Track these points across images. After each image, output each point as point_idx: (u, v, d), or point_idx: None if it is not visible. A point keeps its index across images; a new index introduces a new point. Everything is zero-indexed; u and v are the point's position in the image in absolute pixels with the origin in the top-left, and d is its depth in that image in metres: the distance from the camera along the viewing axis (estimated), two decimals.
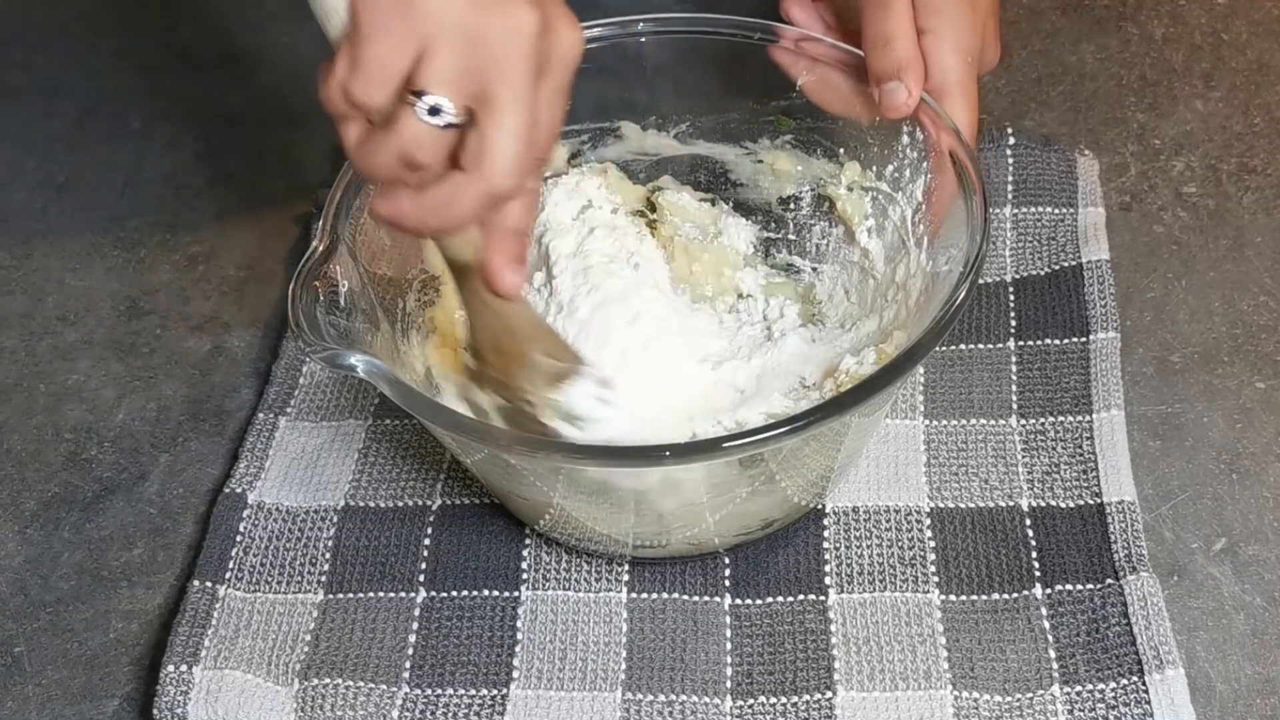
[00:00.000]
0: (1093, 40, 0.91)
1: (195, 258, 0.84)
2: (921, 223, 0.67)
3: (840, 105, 0.70)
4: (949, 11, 0.67)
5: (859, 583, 0.65)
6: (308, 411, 0.73)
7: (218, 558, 0.67)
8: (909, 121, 0.67)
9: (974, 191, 0.62)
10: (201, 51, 0.98)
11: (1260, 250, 0.78)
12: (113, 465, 0.73)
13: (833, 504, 0.68)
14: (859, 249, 0.72)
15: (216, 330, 0.80)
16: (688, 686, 0.62)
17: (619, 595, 0.66)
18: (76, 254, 0.85)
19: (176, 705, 0.62)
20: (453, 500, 0.70)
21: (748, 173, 0.75)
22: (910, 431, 0.71)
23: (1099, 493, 0.67)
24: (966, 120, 0.66)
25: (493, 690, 0.63)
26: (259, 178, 0.88)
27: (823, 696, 0.62)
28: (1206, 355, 0.74)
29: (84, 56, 0.98)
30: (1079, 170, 0.81)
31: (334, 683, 0.63)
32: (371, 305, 0.65)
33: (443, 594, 0.66)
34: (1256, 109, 0.86)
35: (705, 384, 0.69)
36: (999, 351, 0.74)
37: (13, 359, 0.79)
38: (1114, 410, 0.70)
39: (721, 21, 0.71)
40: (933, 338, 0.58)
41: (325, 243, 0.62)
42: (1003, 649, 0.62)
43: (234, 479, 0.70)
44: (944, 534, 0.67)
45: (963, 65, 0.67)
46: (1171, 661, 0.60)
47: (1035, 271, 0.77)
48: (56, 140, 0.92)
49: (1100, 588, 0.64)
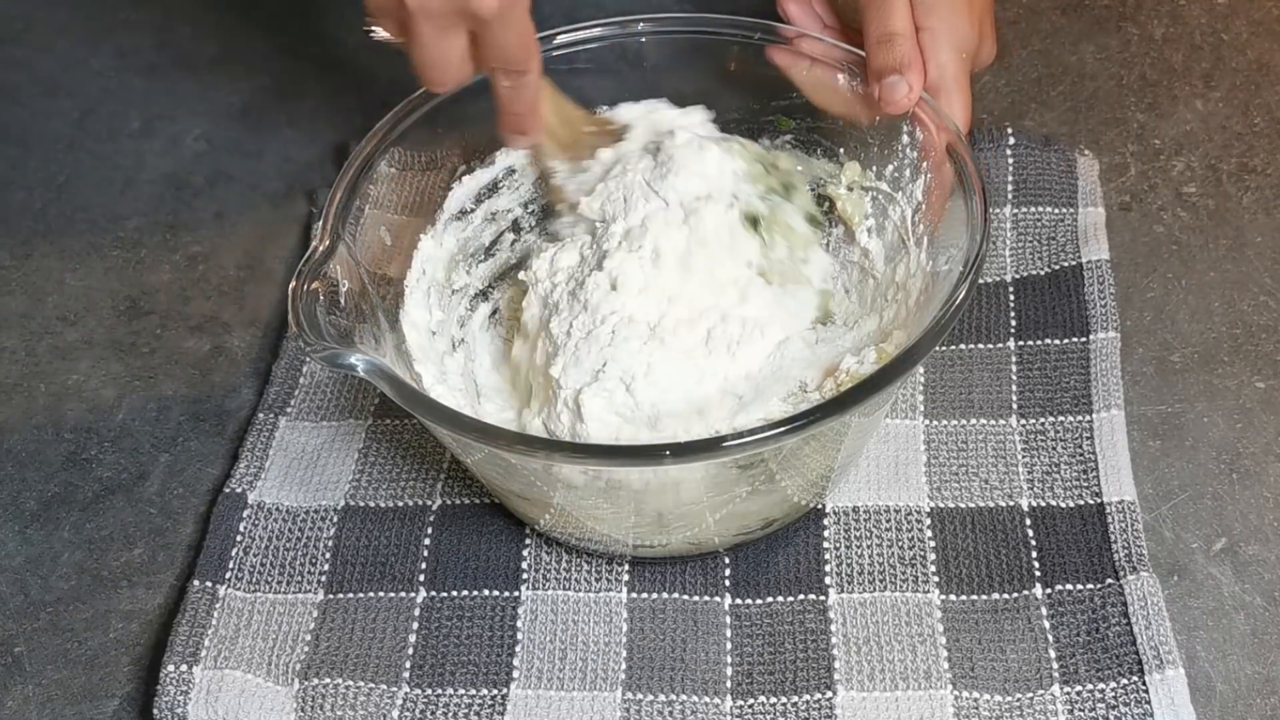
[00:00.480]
0: (1093, 40, 0.91)
1: (195, 258, 0.84)
2: (921, 222, 0.67)
3: (840, 105, 0.70)
4: (945, 9, 0.68)
5: (859, 583, 0.65)
6: (308, 411, 0.73)
7: (218, 558, 0.67)
8: (908, 121, 0.67)
9: (974, 191, 0.62)
10: (201, 51, 0.98)
11: (1260, 250, 0.78)
12: (113, 465, 0.73)
13: (833, 504, 0.68)
14: (859, 249, 0.72)
15: (216, 330, 0.80)
16: (688, 686, 0.62)
17: (619, 595, 0.66)
18: (76, 254, 0.85)
19: (176, 705, 0.62)
20: (453, 500, 0.70)
21: None
22: (910, 431, 0.71)
23: (1099, 492, 0.67)
24: (961, 117, 0.67)
25: (493, 690, 0.63)
26: (259, 178, 0.88)
27: (823, 696, 0.62)
28: (1206, 355, 0.74)
29: (84, 56, 0.98)
30: (1079, 170, 0.81)
31: (334, 683, 0.63)
32: (372, 305, 0.65)
33: (443, 594, 0.66)
34: (1256, 109, 0.86)
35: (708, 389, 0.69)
36: (999, 351, 0.74)
37: (13, 359, 0.79)
38: (1114, 410, 0.70)
39: (721, 21, 0.71)
40: (933, 337, 0.58)
41: (325, 243, 0.62)
42: (1003, 649, 0.62)
43: (234, 479, 0.70)
44: (944, 534, 0.67)
45: (958, 62, 0.68)
46: (1171, 661, 0.60)
47: (1035, 271, 0.77)
48: (56, 140, 0.92)
49: (1100, 587, 0.64)
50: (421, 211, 0.71)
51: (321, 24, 0.98)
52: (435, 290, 0.71)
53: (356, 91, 0.92)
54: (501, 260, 0.75)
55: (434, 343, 0.70)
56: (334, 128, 0.89)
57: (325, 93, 0.93)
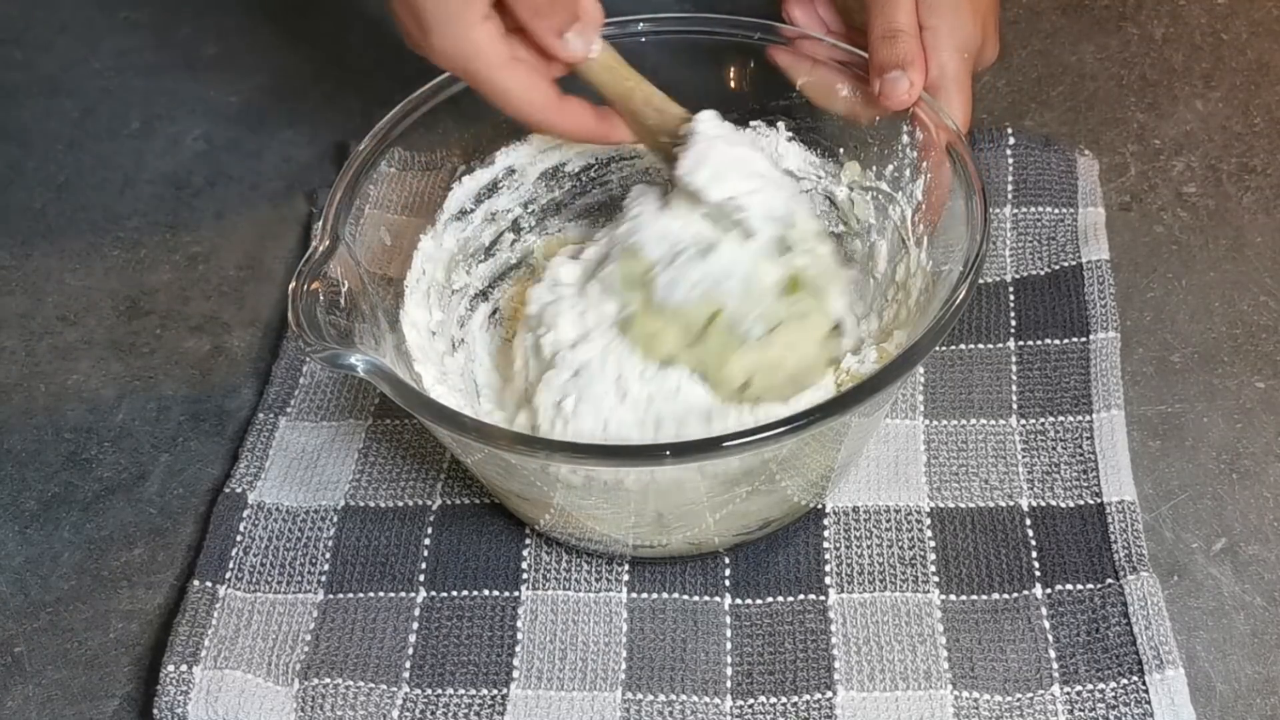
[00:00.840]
0: (1093, 40, 0.91)
1: (195, 258, 0.84)
2: (921, 222, 0.67)
3: (840, 106, 0.70)
4: (948, 9, 0.68)
5: (859, 583, 0.65)
6: (308, 411, 0.73)
7: (218, 558, 0.67)
8: (908, 120, 0.67)
9: (974, 191, 0.62)
10: (201, 51, 0.98)
11: (1260, 250, 0.78)
12: (113, 465, 0.73)
13: (833, 504, 0.68)
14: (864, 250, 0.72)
15: (216, 330, 0.80)
16: (688, 686, 0.62)
17: (619, 595, 0.66)
18: (76, 254, 0.85)
19: (176, 705, 0.62)
20: (453, 500, 0.70)
21: None
22: (910, 431, 0.71)
23: (1099, 493, 0.67)
24: (961, 116, 0.67)
25: (493, 690, 0.63)
26: (259, 178, 0.88)
27: (823, 696, 0.62)
28: (1206, 355, 0.74)
29: (84, 56, 0.98)
30: (1079, 170, 0.81)
31: (334, 683, 0.63)
32: (372, 305, 0.65)
33: (443, 594, 0.66)
34: (1256, 109, 0.86)
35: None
36: (999, 351, 0.74)
37: (13, 359, 0.79)
38: (1114, 410, 0.70)
39: (721, 21, 0.71)
40: (933, 337, 0.58)
41: (325, 243, 0.62)
42: (1003, 649, 0.62)
43: (234, 479, 0.70)
44: (944, 534, 0.67)
45: (959, 61, 0.68)
46: (1171, 661, 0.60)
47: (1035, 271, 0.77)
48: (56, 140, 0.92)
49: (1100, 587, 0.64)
50: (421, 211, 0.71)
51: (321, 24, 0.98)
52: (435, 290, 0.71)
53: (356, 91, 0.92)
54: (501, 260, 0.75)
55: (434, 343, 0.70)
56: (334, 128, 0.89)
57: (325, 93, 0.93)
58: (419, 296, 0.69)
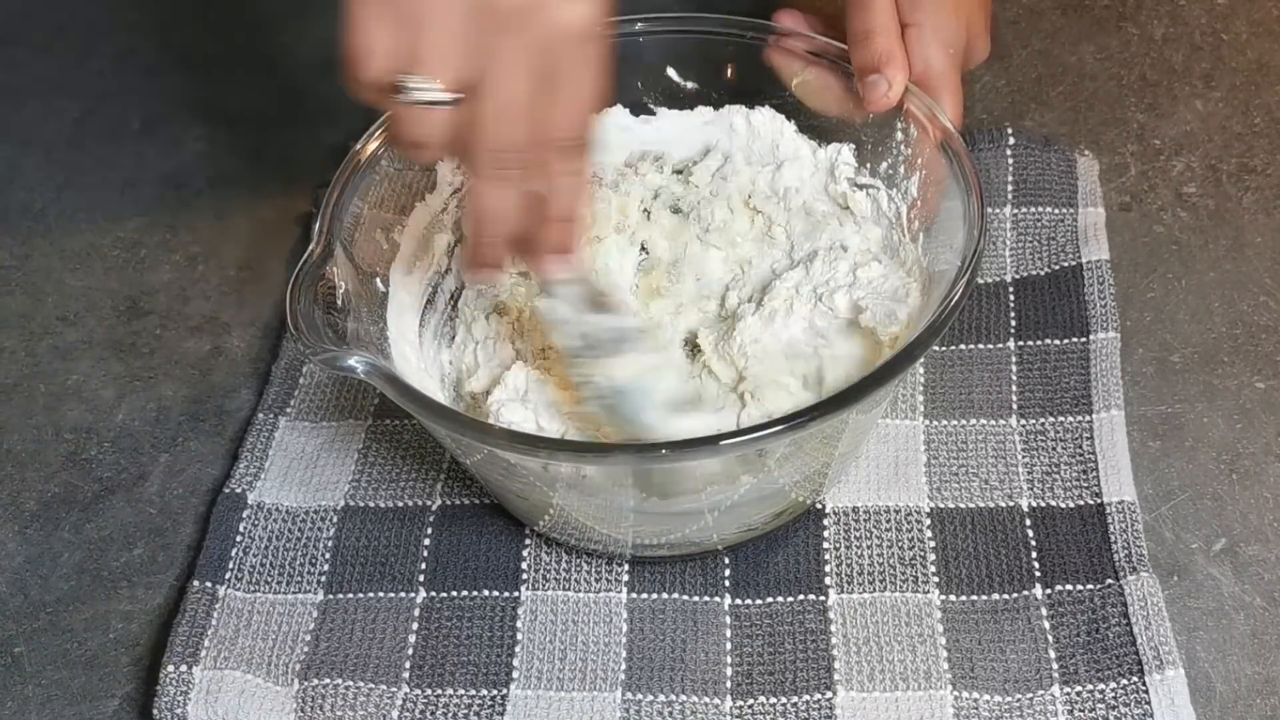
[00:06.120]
0: (1093, 40, 0.91)
1: (195, 258, 0.84)
2: (917, 218, 0.67)
3: (834, 105, 0.70)
4: (930, 6, 0.69)
5: (859, 583, 0.65)
6: (307, 412, 0.73)
7: (218, 558, 0.67)
8: (901, 117, 0.67)
9: (970, 188, 0.62)
10: (201, 51, 0.98)
11: (1260, 250, 0.78)
12: (113, 465, 0.73)
13: (833, 504, 0.68)
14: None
15: (216, 330, 0.80)
16: (688, 686, 0.62)
17: (619, 595, 0.66)
18: (76, 254, 0.85)
19: (176, 705, 0.62)
20: (453, 500, 0.70)
21: None
22: (910, 431, 0.71)
23: (1099, 493, 0.67)
24: (951, 112, 0.68)
25: (493, 690, 0.63)
26: (259, 178, 0.88)
27: (823, 696, 0.62)
28: (1206, 355, 0.74)
29: (84, 56, 0.98)
30: (1079, 170, 0.81)
31: (334, 683, 0.63)
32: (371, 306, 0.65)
33: (443, 594, 0.66)
34: (1256, 109, 0.86)
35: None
36: (999, 351, 0.74)
37: (13, 359, 0.79)
38: (1114, 410, 0.70)
39: (718, 21, 0.71)
40: (930, 335, 0.58)
41: (321, 245, 0.62)
42: (1003, 649, 0.62)
43: (234, 479, 0.70)
44: (944, 534, 0.67)
45: (944, 57, 0.68)
46: (1171, 661, 0.60)
47: (1035, 271, 0.77)
48: (56, 140, 0.92)
49: (1100, 588, 0.64)
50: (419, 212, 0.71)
51: (321, 24, 0.98)
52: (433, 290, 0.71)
53: None
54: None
55: (432, 342, 0.70)
56: (334, 128, 0.89)
57: (325, 93, 0.93)
58: (417, 296, 0.69)
